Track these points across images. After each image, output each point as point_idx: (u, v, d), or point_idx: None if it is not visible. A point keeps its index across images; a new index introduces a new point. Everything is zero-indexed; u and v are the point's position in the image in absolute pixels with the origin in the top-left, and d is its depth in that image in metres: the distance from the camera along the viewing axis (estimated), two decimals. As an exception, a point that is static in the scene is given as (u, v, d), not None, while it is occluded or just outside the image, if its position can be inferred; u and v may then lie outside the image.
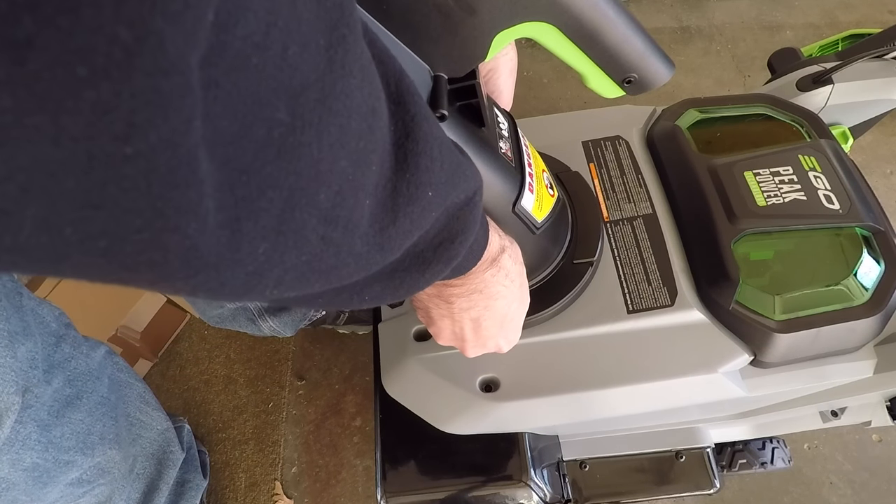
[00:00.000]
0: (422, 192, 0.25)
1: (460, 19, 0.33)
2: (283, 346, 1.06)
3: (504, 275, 0.39)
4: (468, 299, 0.39)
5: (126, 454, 0.68)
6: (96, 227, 0.14)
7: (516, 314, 0.44)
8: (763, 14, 1.52)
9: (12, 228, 0.12)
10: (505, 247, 0.39)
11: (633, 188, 0.62)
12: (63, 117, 0.11)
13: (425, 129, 0.24)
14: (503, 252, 0.39)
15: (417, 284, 0.29)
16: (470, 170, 0.30)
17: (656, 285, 0.55)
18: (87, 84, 0.11)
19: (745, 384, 0.55)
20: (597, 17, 0.35)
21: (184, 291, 0.18)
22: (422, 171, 0.24)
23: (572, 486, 0.64)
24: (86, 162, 0.12)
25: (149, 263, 0.15)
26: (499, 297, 0.40)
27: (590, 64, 0.38)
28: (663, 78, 0.39)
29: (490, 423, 0.54)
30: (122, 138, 0.12)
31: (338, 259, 0.22)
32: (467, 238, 0.30)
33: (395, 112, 0.23)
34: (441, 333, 0.43)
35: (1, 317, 0.50)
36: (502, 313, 0.42)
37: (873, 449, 0.94)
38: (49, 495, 0.58)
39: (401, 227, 0.24)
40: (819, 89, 0.69)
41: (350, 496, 0.93)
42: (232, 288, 0.19)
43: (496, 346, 0.45)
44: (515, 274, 0.41)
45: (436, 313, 0.41)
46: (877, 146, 1.27)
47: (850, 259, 0.53)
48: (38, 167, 0.12)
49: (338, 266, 0.23)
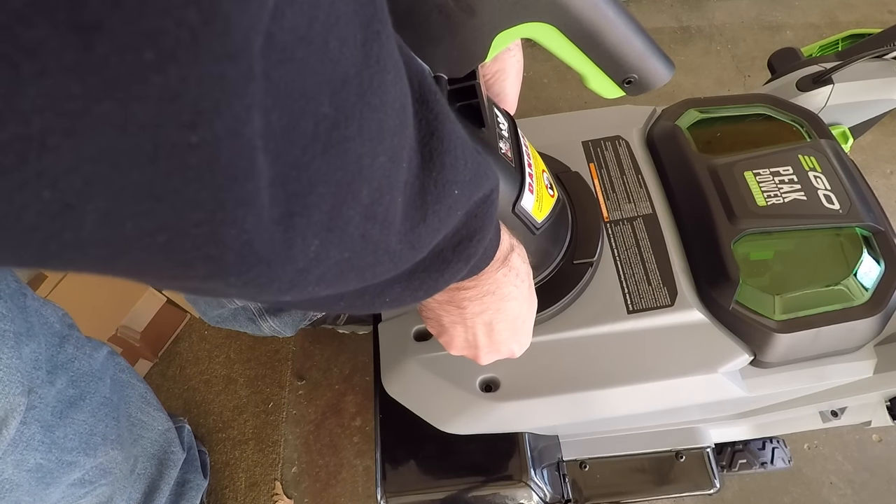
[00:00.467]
0: (448, 190, 0.25)
1: (460, 20, 0.33)
2: (283, 346, 1.06)
3: (514, 274, 0.39)
4: (480, 302, 0.39)
5: (128, 454, 0.69)
6: (157, 221, 0.13)
7: (528, 316, 0.44)
8: (763, 14, 1.52)
9: (74, 223, 0.12)
10: (514, 245, 0.39)
11: (633, 188, 0.62)
12: (131, 104, 0.11)
13: (448, 127, 0.25)
14: (513, 251, 0.39)
15: (437, 285, 0.29)
16: (489, 168, 0.30)
17: (656, 285, 0.55)
18: (156, 68, 0.11)
19: (745, 384, 0.55)
20: (597, 18, 0.35)
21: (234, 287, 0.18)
22: (447, 170, 0.24)
23: (572, 486, 0.64)
24: (152, 151, 0.12)
25: (205, 258, 0.15)
26: (510, 297, 0.40)
27: (590, 64, 0.38)
28: (663, 78, 0.39)
29: (490, 423, 0.54)
30: (189, 126, 0.12)
31: (375, 257, 0.22)
32: (485, 236, 0.30)
33: (419, 111, 0.23)
34: (453, 342, 0.43)
35: (6, 318, 0.50)
36: (514, 315, 0.41)
37: (873, 449, 0.94)
38: (51, 496, 0.58)
39: (430, 225, 0.25)
40: (819, 89, 0.69)
41: (350, 496, 0.93)
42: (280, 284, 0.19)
43: (509, 350, 0.45)
44: (524, 273, 0.40)
45: (447, 321, 0.41)
46: (877, 146, 1.27)
47: (850, 259, 0.53)
48: (104, 157, 0.11)
49: (374, 264, 0.23)
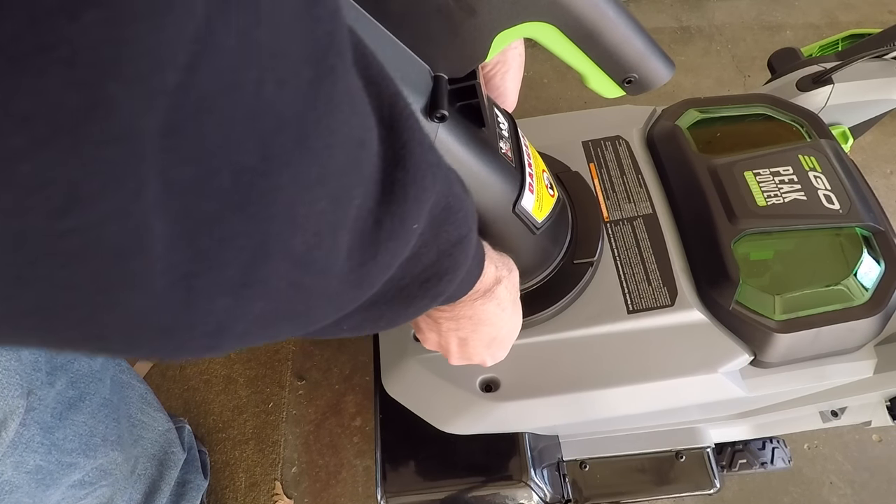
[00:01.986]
0: (407, 225, 0.23)
1: (461, 20, 0.33)
2: (283, 346, 1.06)
3: (496, 304, 0.38)
4: (456, 322, 0.39)
5: (128, 455, 0.68)
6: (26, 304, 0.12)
7: (506, 337, 0.44)
8: (763, 14, 1.52)
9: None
10: (501, 277, 0.38)
11: (633, 188, 0.62)
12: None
13: (418, 156, 0.22)
14: (498, 283, 0.38)
15: (398, 319, 0.28)
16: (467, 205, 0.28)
17: (656, 285, 0.55)
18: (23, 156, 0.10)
19: (745, 384, 0.55)
20: (597, 17, 0.35)
21: (137, 357, 0.16)
22: (410, 203, 0.22)
23: (572, 486, 0.64)
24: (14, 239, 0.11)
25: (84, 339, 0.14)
26: (488, 323, 0.39)
27: (590, 64, 0.38)
28: (664, 78, 0.39)
29: (490, 423, 0.54)
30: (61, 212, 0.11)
31: (309, 303, 0.21)
32: (456, 276, 0.29)
33: (385, 138, 0.21)
34: (427, 341, 0.43)
35: None
36: (490, 336, 0.41)
37: (873, 449, 0.94)
38: (51, 497, 0.58)
39: (381, 262, 0.22)
40: (819, 89, 0.69)
41: (350, 496, 0.93)
42: (191, 350, 0.17)
43: (481, 360, 0.45)
44: (508, 303, 0.40)
45: (423, 324, 0.41)
46: (877, 146, 1.27)
47: (850, 259, 0.53)
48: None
49: (309, 310, 0.21)
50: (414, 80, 0.33)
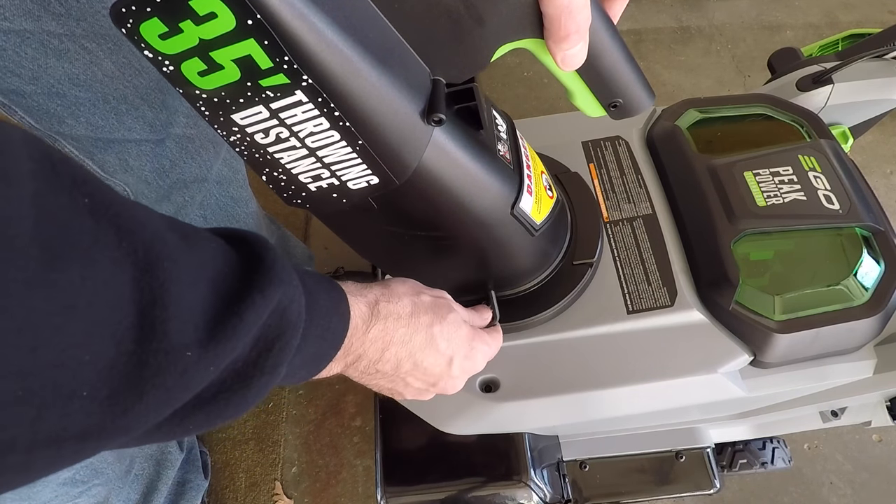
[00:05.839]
0: (177, 355, 0.22)
1: (468, 27, 0.33)
2: (283, 347, 1.05)
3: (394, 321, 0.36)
4: (372, 377, 0.37)
5: (121, 455, 0.68)
6: None
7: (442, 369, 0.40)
8: (763, 14, 1.52)
9: None
10: (377, 299, 0.36)
11: (632, 188, 0.62)
12: None
13: (175, 293, 0.23)
14: (377, 304, 0.36)
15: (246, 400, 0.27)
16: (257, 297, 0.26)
17: (656, 286, 0.55)
18: None
19: (745, 384, 0.55)
20: (596, 43, 0.36)
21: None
22: (173, 335, 0.22)
23: (572, 486, 0.64)
24: None
25: None
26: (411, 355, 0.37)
27: (581, 85, 0.39)
28: (645, 106, 0.41)
29: (490, 423, 0.54)
30: None
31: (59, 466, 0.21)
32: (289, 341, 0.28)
33: (140, 280, 0.22)
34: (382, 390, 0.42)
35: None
36: (431, 372, 0.39)
37: (873, 449, 0.94)
38: (41, 494, 0.58)
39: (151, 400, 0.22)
40: (819, 89, 0.69)
41: (350, 496, 0.93)
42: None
43: (436, 393, 0.43)
44: (406, 316, 0.37)
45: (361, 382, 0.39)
46: (877, 146, 1.27)
47: (850, 259, 0.53)
48: None
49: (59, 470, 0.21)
50: (414, 80, 0.33)
